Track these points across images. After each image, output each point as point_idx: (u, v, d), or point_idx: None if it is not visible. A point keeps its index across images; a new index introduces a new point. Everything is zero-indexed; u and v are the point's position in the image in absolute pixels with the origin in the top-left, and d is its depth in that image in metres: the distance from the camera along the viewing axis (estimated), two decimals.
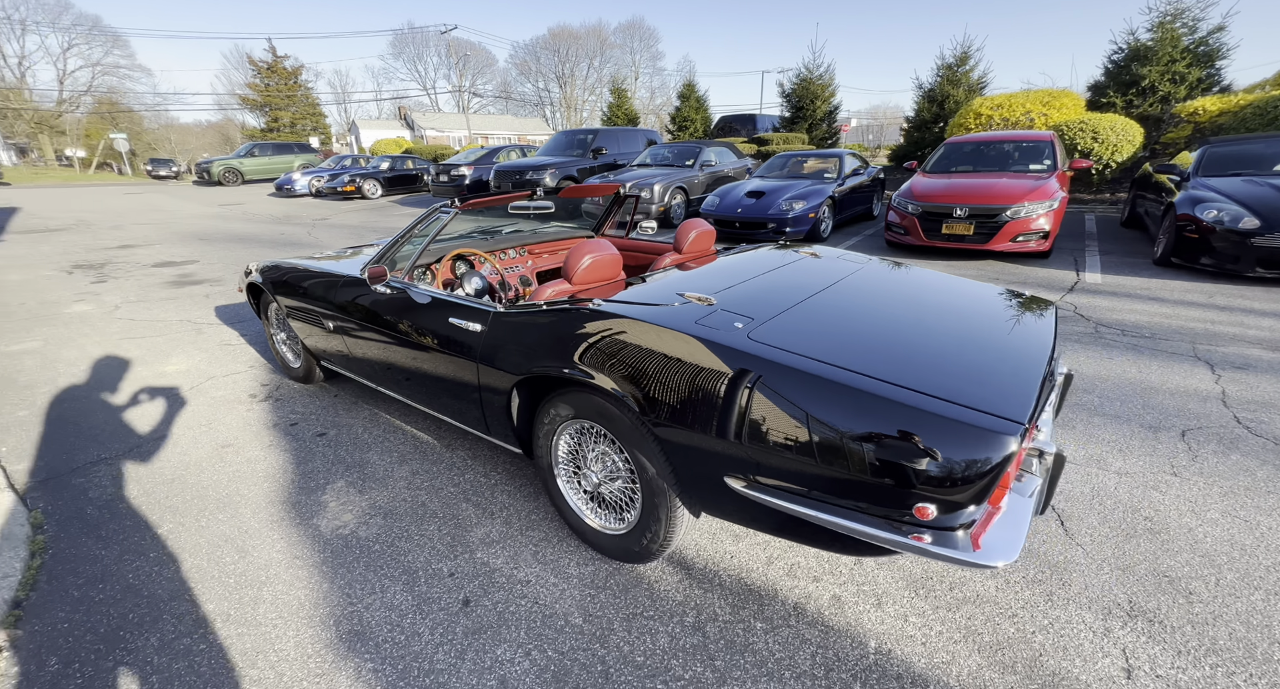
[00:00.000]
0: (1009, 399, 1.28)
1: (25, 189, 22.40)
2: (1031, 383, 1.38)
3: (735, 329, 1.51)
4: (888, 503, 1.24)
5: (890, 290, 2.04)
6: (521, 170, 10.90)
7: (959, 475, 1.16)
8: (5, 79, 42.55)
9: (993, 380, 1.38)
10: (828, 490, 1.30)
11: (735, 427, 1.37)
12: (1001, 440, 1.16)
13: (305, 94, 45.97)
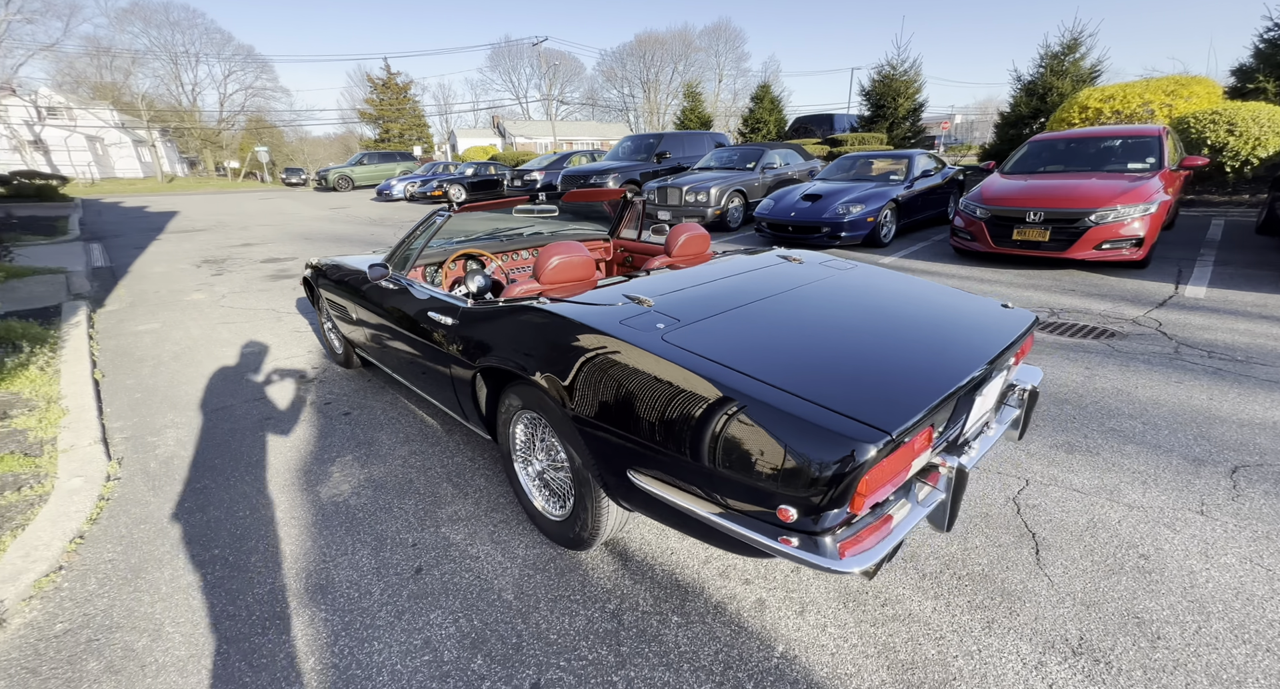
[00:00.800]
0: (885, 407, 1.26)
1: (189, 195, 26.21)
2: (927, 394, 1.33)
3: (654, 330, 1.58)
4: (756, 502, 1.26)
5: (845, 298, 1.99)
6: (586, 175, 11.28)
7: (811, 477, 1.16)
8: (181, 104, 49.82)
9: (881, 388, 1.35)
10: (712, 489, 1.34)
11: (636, 422, 1.44)
12: (856, 445, 1.15)
13: (413, 107, 50.00)
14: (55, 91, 40.24)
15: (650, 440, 1.41)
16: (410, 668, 1.51)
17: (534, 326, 1.76)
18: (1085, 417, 2.78)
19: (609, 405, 1.50)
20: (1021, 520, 2.05)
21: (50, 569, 1.88)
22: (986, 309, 1.97)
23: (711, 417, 1.30)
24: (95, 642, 1.61)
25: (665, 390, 1.39)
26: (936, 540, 1.96)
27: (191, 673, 1.51)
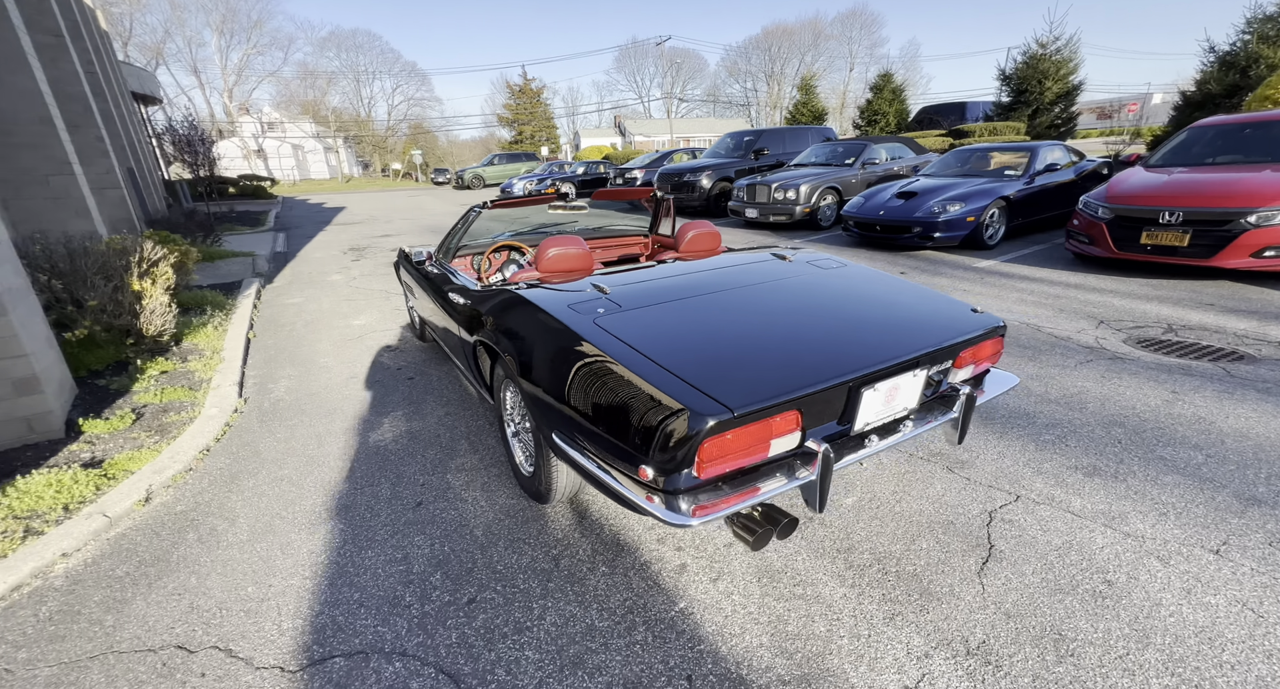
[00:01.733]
0: (740, 388, 1.39)
1: (357, 193, 30.61)
2: (792, 384, 1.43)
3: (594, 314, 1.82)
4: (627, 462, 1.46)
5: (796, 295, 2.06)
6: (680, 172, 11.50)
7: (661, 442, 1.34)
8: (359, 115, 57.97)
9: (753, 373, 1.47)
10: (601, 450, 1.56)
11: (558, 390, 1.70)
12: (696, 417, 1.30)
13: (544, 110, 53.43)
14: (274, 109, 48.88)
15: (565, 406, 1.66)
16: (387, 572, 1.91)
17: (506, 306, 2.08)
18: (1135, 442, 2.51)
19: (543, 374, 1.77)
20: (986, 532, 1.99)
21: (183, 469, 2.58)
22: (944, 313, 1.94)
23: (603, 386, 1.52)
24: (195, 521, 2.23)
25: (578, 363, 1.63)
26: (880, 538, 1.98)
27: (247, 550, 2.05)
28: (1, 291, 2.56)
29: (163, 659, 1.59)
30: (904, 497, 2.22)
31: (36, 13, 7.01)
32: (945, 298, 2.10)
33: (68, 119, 7.34)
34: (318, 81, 55.94)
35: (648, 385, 1.42)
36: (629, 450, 1.44)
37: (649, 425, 1.37)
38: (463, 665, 1.53)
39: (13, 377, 2.62)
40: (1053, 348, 3.68)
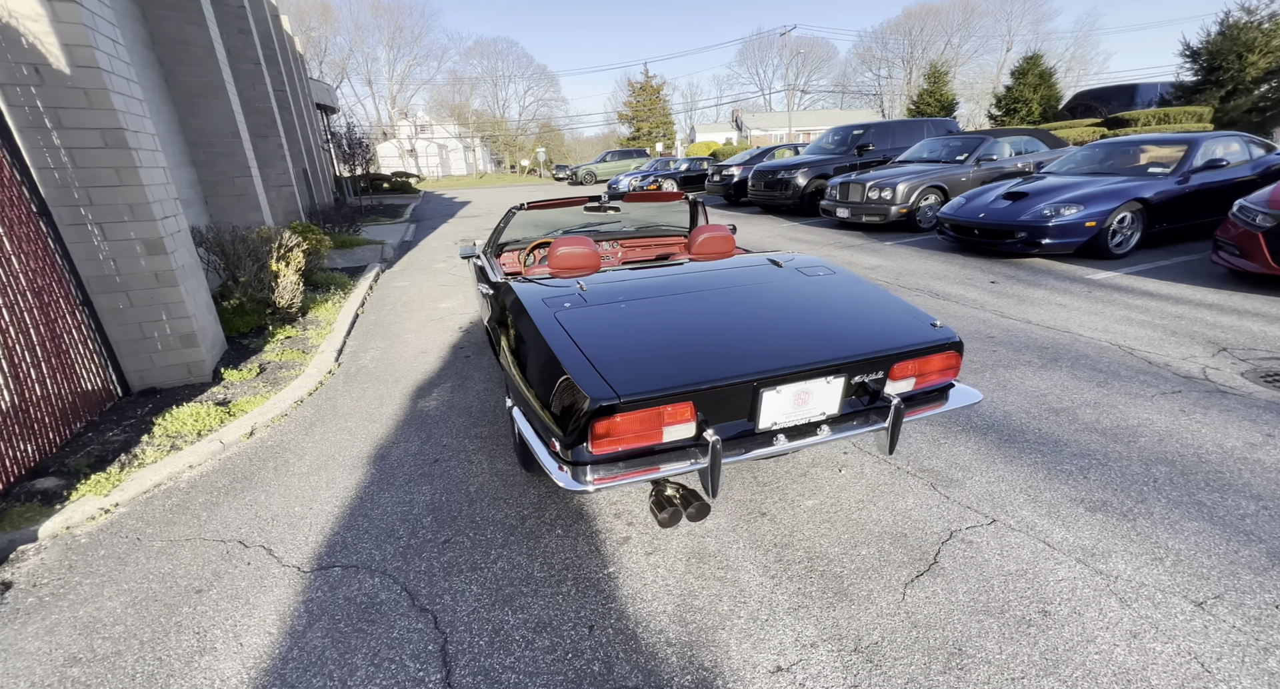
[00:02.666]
0: (634, 377, 1.57)
1: (486, 188, 33.53)
2: (684, 378, 1.59)
3: (560, 308, 2.08)
4: (547, 435, 1.71)
5: (755, 299, 2.14)
6: (774, 170, 11.27)
7: (563, 417, 1.57)
8: (495, 116, 63.03)
9: (656, 365, 1.64)
10: (535, 422, 1.82)
11: (519, 370, 1.99)
12: (588, 398, 1.51)
13: (662, 106, 54.16)
14: (426, 113, 54.84)
15: (522, 384, 1.94)
16: (393, 511, 2.34)
17: (502, 295, 2.41)
18: (1175, 483, 2.27)
19: (510, 357, 2.07)
20: (937, 549, 1.96)
21: (280, 414, 3.26)
22: (894, 324, 1.95)
23: (542, 370, 1.78)
24: (276, 454, 2.85)
25: (532, 350, 1.90)
26: (823, 540, 2.04)
27: (304, 480, 2.60)
28: (176, 269, 3.41)
29: (227, 548, 2.14)
30: (869, 505, 2.23)
31: (243, 46, 8.68)
32: (910, 311, 2.07)
33: (255, 131, 9.03)
34: (463, 87, 61.63)
35: (566, 371, 1.65)
36: (549, 425, 1.69)
37: (561, 405, 1.61)
38: (421, 588, 1.89)
39: (180, 332, 3.49)
40: (1135, 375, 3.28)
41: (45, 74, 2.89)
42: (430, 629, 1.71)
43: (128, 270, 3.27)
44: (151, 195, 3.26)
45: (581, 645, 1.63)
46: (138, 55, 5.27)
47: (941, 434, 2.74)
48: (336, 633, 1.71)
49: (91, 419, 3.09)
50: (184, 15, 5.72)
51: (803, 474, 2.46)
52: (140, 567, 2.06)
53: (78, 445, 2.86)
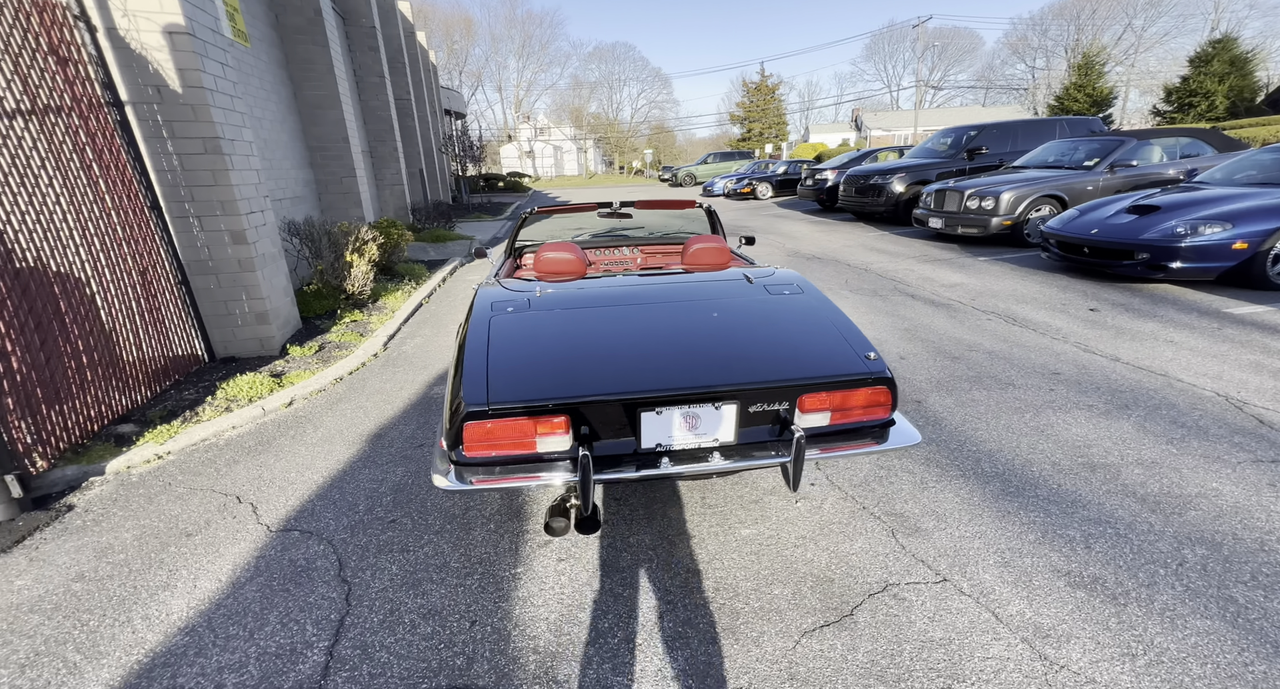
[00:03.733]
0: (510, 388, 1.59)
1: (591, 187, 34.85)
2: (554, 392, 1.59)
3: (503, 312, 2.15)
4: (443, 435, 1.78)
5: (701, 317, 2.08)
6: (868, 175, 10.55)
7: (447, 420, 1.64)
8: (608, 118, 65.14)
9: (545, 378, 1.66)
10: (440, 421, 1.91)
11: (451, 364, 2.09)
12: (461, 404, 1.57)
13: (777, 106, 52.66)
14: (545, 117, 58.11)
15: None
16: (364, 487, 2.56)
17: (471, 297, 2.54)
18: (1207, 570, 1.89)
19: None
20: (860, 601, 1.78)
21: (318, 389, 3.69)
22: (818, 353, 1.82)
23: (452, 365, 1.87)
24: (299, 423, 3.24)
25: (457, 346, 2.00)
26: (741, 572, 1.93)
27: (311, 449, 2.93)
28: (255, 257, 3.98)
29: (225, 501, 2.49)
30: (809, 544, 2.07)
31: (370, 62, 9.81)
32: (848, 340, 1.87)
33: (374, 136, 10.16)
34: (582, 91, 64.35)
35: (461, 373, 1.73)
36: (444, 423, 1.77)
37: (450, 405, 1.69)
38: (352, 560, 2.07)
39: (255, 311, 4.07)
40: (1229, 435, 2.72)
41: (164, 93, 3.51)
42: (340, 600, 1.87)
43: (218, 256, 3.88)
44: (239, 194, 3.83)
45: (457, 638, 1.70)
46: (272, 74, 6.18)
47: (933, 476, 2.46)
48: (268, 590, 1.94)
49: (178, 378, 3.71)
50: (311, 38, 6.60)
51: (754, 501, 2.34)
52: (159, 507, 2.46)
53: (161, 399, 3.45)
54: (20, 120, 2.78)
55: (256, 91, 5.62)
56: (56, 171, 2.94)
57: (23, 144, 2.77)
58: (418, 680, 1.56)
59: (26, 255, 2.72)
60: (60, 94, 3.00)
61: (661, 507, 2.31)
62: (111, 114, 3.31)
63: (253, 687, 1.56)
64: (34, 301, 2.73)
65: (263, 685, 1.56)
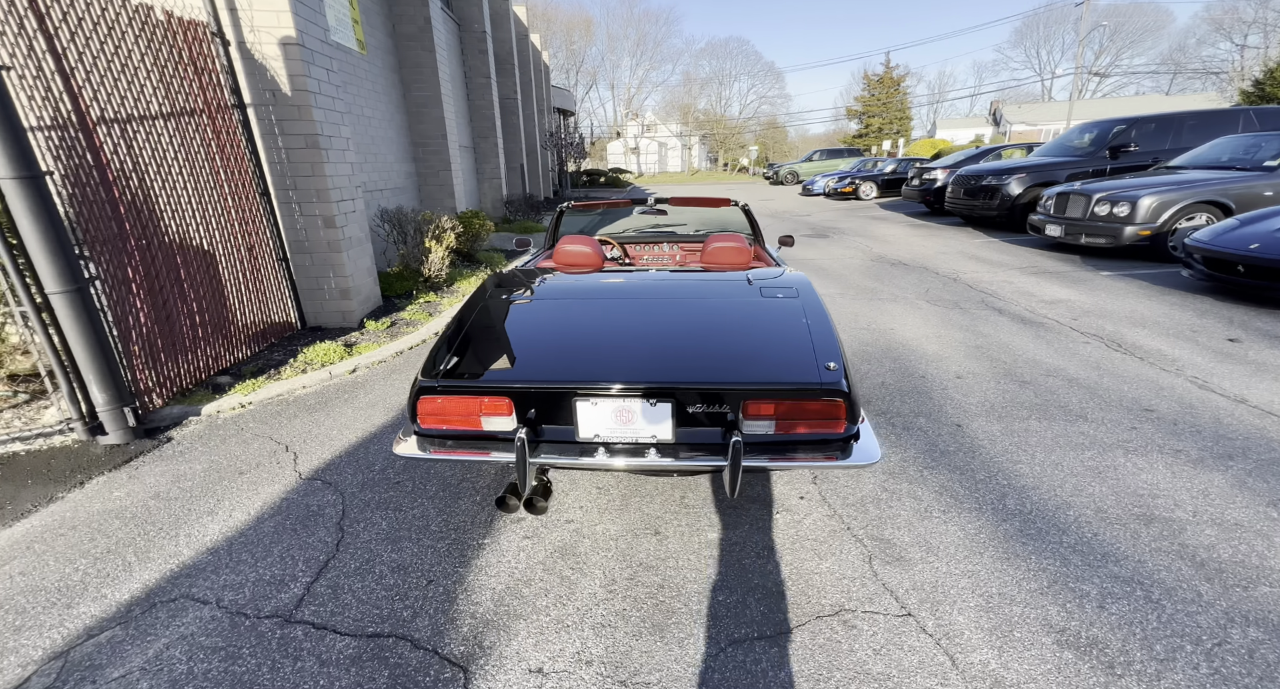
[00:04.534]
0: (470, 367, 1.71)
1: (693, 184, 34.83)
2: (510, 377, 1.67)
3: (494, 297, 2.28)
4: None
5: (682, 314, 2.07)
6: (979, 175, 9.54)
7: (408, 396, 1.79)
8: (715, 114, 64.45)
9: (504, 358, 1.76)
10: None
11: None
12: (419, 380, 1.70)
13: (900, 99, 49.03)
14: (653, 114, 58.82)
15: None
16: (385, 450, 2.83)
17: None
18: (1252, 654, 1.59)
19: None
20: (806, 621, 1.70)
21: (378, 361, 4.11)
22: (775, 359, 1.75)
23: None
24: (353, 390, 3.63)
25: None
26: (689, 573, 1.91)
27: (355, 414, 3.28)
28: (342, 240, 4.51)
29: (276, 449, 2.88)
30: (775, 557, 1.99)
31: (479, 64, 10.56)
32: (813, 348, 1.77)
33: (478, 132, 10.92)
34: (692, 87, 64.22)
35: (433, 350, 1.87)
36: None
37: (416, 379, 1.84)
38: (353, 513, 2.31)
39: (340, 288, 4.61)
40: None
41: (278, 96, 4.08)
42: (332, 545, 2.11)
43: (312, 238, 4.44)
44: (332, 183, 4.36)
45: (411, 594, 1.86)
46: (384, 78, 6.89)
47: (941, 506, 2.24)
48: (281, 527, 2.23)
49: (273, 342, 4.31)
50: (420, 44, 7.27)
51: (734, 507, 2.28)
52: (227, 447, 2.91)
53: (255, 358, 4.04)
54: (162, 122, 3.38)
55: (369, 93, 6.31)
56: (187, 162, 3.54)
57: (164, 140, 3.37)
58: (366, 624, 1.73)
59: (158, 230, 3.32)
60: (196, 98, 3.60)
61: (639, 501, 2.33)
62: (235, 114, 3.90)
63: (242, 604, 1.83)
64: (162, 270, 3.32)
65: (249, 605, 1.82)
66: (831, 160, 23.67)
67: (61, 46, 2.79)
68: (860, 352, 4.03)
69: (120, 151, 3.09)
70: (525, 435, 1.69)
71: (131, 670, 1.59)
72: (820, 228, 11.14)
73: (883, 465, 2.54)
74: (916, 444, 2.73)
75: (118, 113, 3.08)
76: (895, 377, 3.57)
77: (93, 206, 2.91)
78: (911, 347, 4.13)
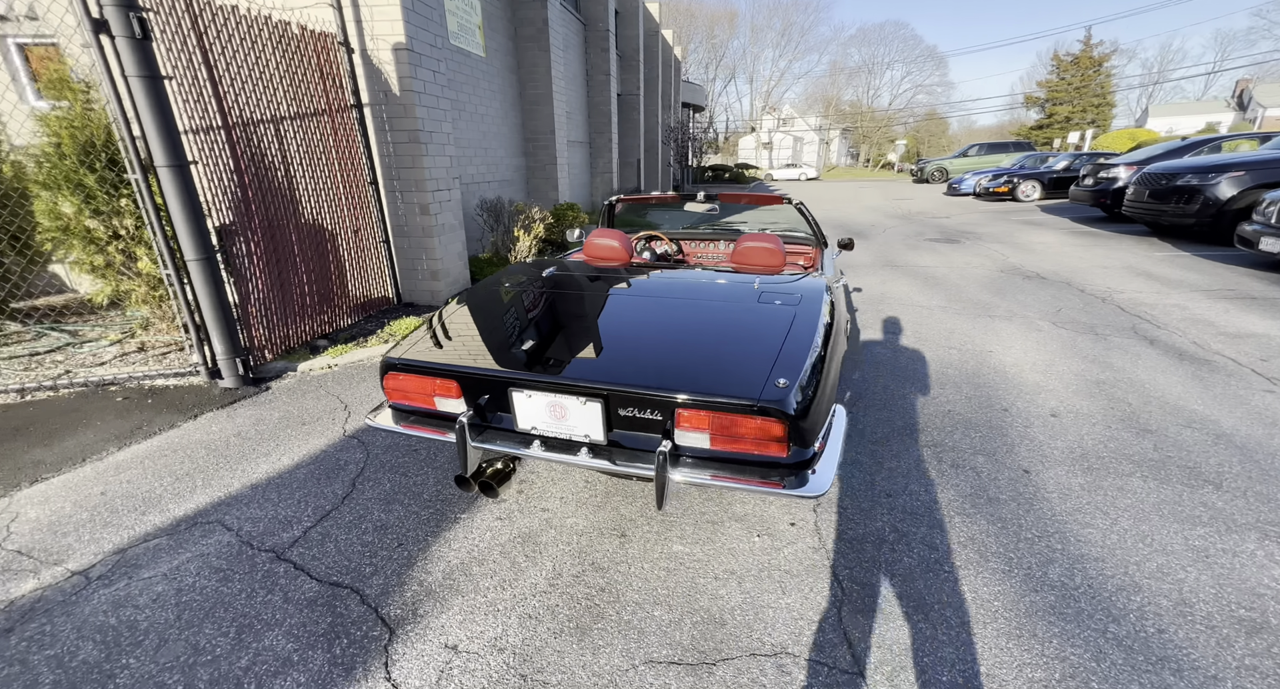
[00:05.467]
0: (429, 348, 1.76)
1: (822, 183, 32.94)
2: (457, 361, 1.71)
3: (497, 283, 2.36)
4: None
5: (675, 314, 1.99)
6: (1174, 173, 7.76)
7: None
8: (863, 106, 59.88)
9: (464, 341, 1.81)
10: None
11: None
12: (385, 357, 1.82)
13: (1101, 82, 41.79)
14: (791, 107, 56.43)
15: None
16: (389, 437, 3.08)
17: None
18: None
19: None
20: (736, 656, 1.55)
21: None
22: (721, 369, 1.63)
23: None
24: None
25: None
26: (641, 583, 1.83)
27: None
28: (435, 226, 4.95)
29: (339, 405, 3.26)
30: (735, 582, 1.84)
31: (601, 62, 10.93)
32: (782, 362, 1.59)
33: (594, 128, 11.32)
34: (839, 78, 60.45)
35: (414, 329, 1.99)
36: None
37: None
38: (369, 473, 2.54)
39: (430, 269, 5.08)
40: None
41: (389, 96, 4.57)
42: (339, 498, 2.35)
43: (410, 224, 4.93)
44: (429, 175, 4.80)
45: (380, 553, 2.01)
46: (501, 77, 7.41)
47: (962, 560, 1.91)
48: (310, 477, 2.53)
49: (371, 313, 4.88)
50: (537, 45, 7.70)
51: (711, 521, 2.14)
52: (303, 401, 3.36)
53: (353, 327, 4.61)
54: (289, 122, 3.96)
55: (485, 92, 6.83)
56: (308, 155, 4.12)
57: (290, 137, 3.96)
58: (333, 573, 1.91)
59: (277, 212, 3.91)
60: (320, 101, 4.17)
61: (619, 500, 2.28)
62: (354, 113, 4.46)
63: (254, 536, 2.11)
64: (278, 245, 3.91)
65: (258, 538, 2.10)
66: (992, 156, 20.82)
67: (214, 59, 3.39)
68: (936, 373, 3.54)
69: (252, 145, 3.68)
70: (468, 420, 1.74)
71: (156, 575, 1.92)
72: (952, 232, 9.94)
73: (905, 504, 2.21)
74: (960, 485, 2.34)
75: (253, 114, 3.67)
76: (969, 406, 3.08)
77: (226, 191, 3.51)
78: (1006, 373, 3.53)
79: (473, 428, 1.77)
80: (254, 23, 3.64)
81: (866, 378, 3.47)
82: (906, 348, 4.02)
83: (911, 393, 3.25)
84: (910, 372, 3.57)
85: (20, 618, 1.74)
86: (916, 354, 3.88)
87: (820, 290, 2.09)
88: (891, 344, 4.10)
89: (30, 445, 2.86)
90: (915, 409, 3.05)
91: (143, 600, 1.80)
